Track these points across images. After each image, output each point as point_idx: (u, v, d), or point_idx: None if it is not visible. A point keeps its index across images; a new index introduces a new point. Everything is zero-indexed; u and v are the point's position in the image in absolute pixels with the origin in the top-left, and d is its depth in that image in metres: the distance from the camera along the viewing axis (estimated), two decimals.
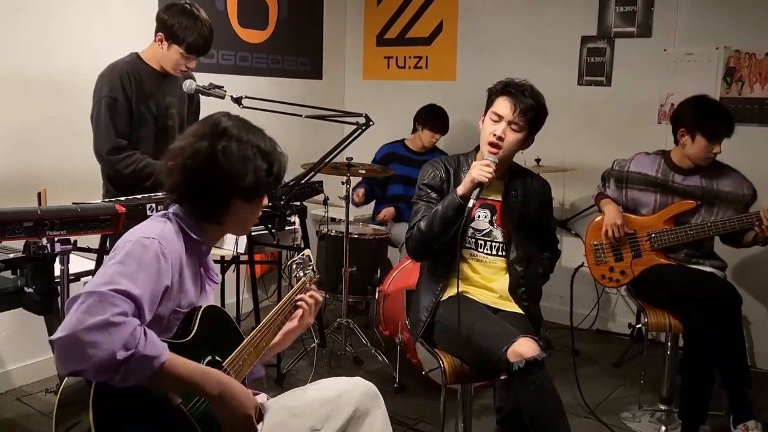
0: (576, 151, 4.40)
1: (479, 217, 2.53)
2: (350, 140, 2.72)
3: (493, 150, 2.42)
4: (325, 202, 3.89)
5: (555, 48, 4.49)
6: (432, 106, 4.52)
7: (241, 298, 3.89)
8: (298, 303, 1.98)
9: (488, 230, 2.55)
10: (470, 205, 2.30)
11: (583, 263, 3.37)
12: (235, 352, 1.72)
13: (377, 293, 3.84)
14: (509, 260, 2.53)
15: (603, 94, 4.37)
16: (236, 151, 1.68)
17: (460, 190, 2.37)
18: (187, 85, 2.82)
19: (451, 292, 2.47)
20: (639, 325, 3.90)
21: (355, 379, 1.94)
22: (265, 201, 1.84)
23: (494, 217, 2.55)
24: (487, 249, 2.55)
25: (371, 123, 2.72)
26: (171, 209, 1.76)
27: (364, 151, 3.42)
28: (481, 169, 2.32)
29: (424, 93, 4.76)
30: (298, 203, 3.15)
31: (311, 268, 2.12)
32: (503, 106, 2.43)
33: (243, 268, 3.85)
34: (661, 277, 3.11)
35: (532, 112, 2.42)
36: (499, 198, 2.55)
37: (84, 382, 1.45)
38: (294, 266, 2.09)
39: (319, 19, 5.09)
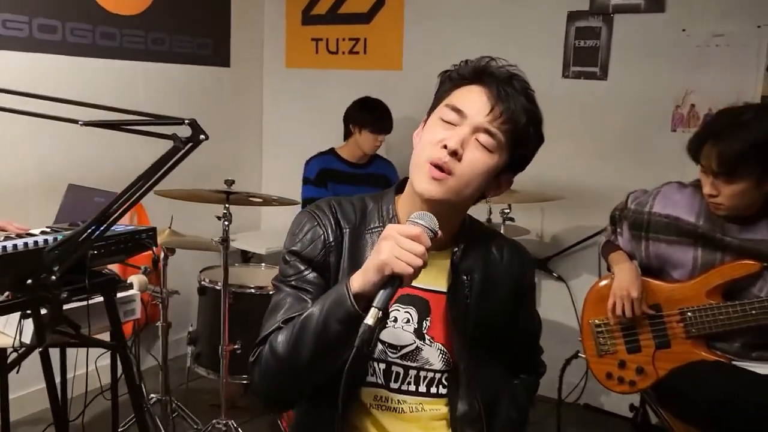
0: (559, 168, 3.38)
1: (395, 321, 1.36)
2: (170, 164, 1.48)
3: (437, 175, 1.26)
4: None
5: (532, 28, 3.56)
6: (366, 99, 3.62)
7: None
8: None
9: (413, 347, 1.36)
10: (370, 320, 1.12)
11: (578, 352, 2.27)
12: None
13: None
14: (455, 414, 1.36)
15: (596, 90, 3.43)
16: None
17: (357, 282, 1.20)
18: None
19: None
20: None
21: None
22: None
23: (426, 322, 1.37)
24: (410, 385, 1.36)
25: (202, 137, 1.44)
26: None
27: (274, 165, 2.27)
28: (401, 246, 1.15)
29: (362, 85, 3.87)
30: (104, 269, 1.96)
31: None
32: (470, 98, 1.30)
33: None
34: (700, 380, 2.05)
35: (523, 119, 1.30)
36: (440, 287, 1.38)
37: None
38: None
39: None
